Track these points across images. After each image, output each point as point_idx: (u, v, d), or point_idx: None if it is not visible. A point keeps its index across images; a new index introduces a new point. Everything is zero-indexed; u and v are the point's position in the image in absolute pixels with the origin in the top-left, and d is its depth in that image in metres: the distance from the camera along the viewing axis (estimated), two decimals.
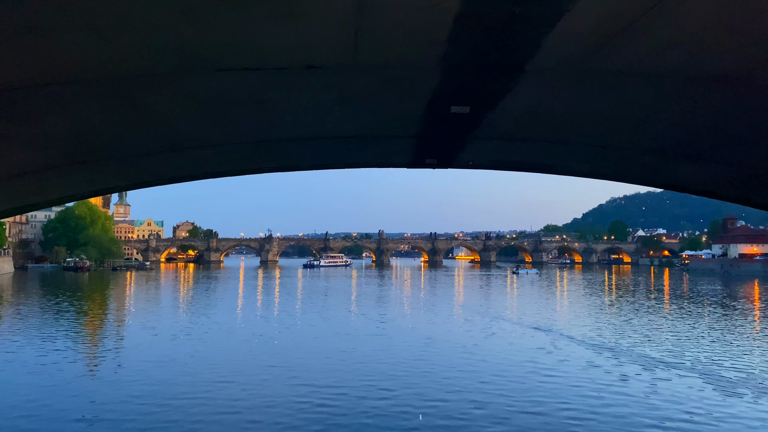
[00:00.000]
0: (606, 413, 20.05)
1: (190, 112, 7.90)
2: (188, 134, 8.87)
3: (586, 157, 11.31)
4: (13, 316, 46.94)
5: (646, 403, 21.38)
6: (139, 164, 10.48)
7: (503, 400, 21.73)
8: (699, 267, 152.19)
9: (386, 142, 10.53)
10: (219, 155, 10.64)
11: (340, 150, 11.01)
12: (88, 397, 22.12)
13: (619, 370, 26.38)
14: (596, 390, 22.96)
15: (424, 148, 10.92)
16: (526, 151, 11.15)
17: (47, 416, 19.82)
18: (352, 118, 8.63)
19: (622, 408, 20.70)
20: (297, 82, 6.88)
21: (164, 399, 21.79)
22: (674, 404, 21.22)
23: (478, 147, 10.72)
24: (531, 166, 12.77)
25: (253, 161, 11.50)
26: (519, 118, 8.65)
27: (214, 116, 8.07)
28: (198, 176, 12.19)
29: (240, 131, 9.04)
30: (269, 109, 7.88)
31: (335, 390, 22.91)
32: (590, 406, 20.87)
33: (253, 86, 6.98)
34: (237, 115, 8.13)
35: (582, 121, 8.84)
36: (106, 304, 62.40)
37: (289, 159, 11.57)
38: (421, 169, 13.04)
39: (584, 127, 9.17)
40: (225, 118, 8.22)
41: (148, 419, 19.32)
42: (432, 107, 7.95)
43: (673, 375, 25.87)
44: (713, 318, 47.30)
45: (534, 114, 8.43)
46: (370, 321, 43.30)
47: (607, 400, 21.60)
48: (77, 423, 19.14)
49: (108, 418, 19.66)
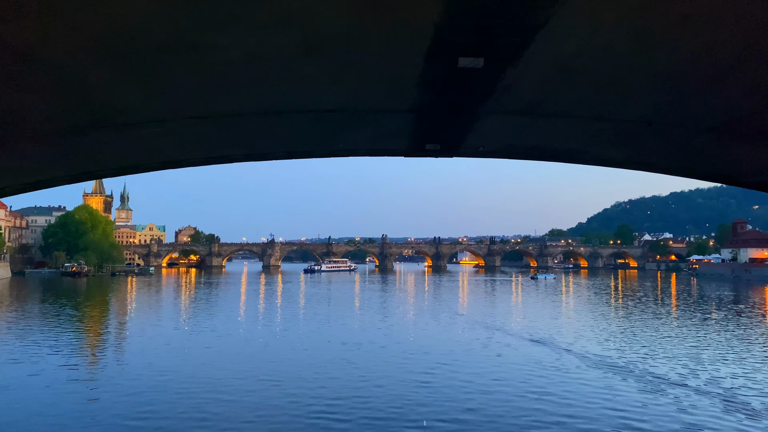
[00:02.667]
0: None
1: (104, 66, 5.84)
2: (111, 101, 6.80)
3: (623, 140, 9.19)
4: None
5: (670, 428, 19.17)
6: (69, 147, 8.43)
7: (518, 420, 19.59)
8: (708, 272, 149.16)
9: (376, 119, 8.45)
10: (169, 136, 8.57)
11: (318, 131, 8.92)
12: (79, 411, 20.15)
13: (653, 395, 23.55)
14: (613, 411, 20.76)
15: (424, 128, 8.83)
16: (550, 132, 9.04)
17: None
18: (326, 78, 6.55)
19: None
20: (238, 12, 4.83)
21: (159, 412, 20.58)
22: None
23: (491, 126, 8.62)
24: (554, 153, 10.64)
25: (214, 145, 9.41)
26: (547, 78, 6.57)
27: (136, 72, 6.02)
28: (153, 165, 10.12)
29: (180, 98, 6.97)
30: (208, 62, 5.81)
31: (335, 401, 21.47)
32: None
33: (177, 23, 4.93)
34: (168, 71, 6.07)
35: (631, 83, 6.74)
36: (98, 313, 60.38)
37: (258, 143, 9.49)
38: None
39: (632, 92, 7.07)
40: (152, 76, 6.16)
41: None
42: (434, 58, 5.88)
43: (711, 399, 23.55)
44: (734, 327, 44.78)
45: (568, 72, 6.34)
46: (376, 334, 40.97)
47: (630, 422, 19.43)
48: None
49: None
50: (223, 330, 40.99)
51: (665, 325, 44.93)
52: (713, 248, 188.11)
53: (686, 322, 47.59)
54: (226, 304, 64.39)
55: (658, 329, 42.34)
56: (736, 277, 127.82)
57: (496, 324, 44.11)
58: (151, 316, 52.58)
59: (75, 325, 46.79)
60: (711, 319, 50.12)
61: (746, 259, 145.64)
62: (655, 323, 46.18)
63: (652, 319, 48.81)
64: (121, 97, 6.78)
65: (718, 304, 65.07)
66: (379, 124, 8.68)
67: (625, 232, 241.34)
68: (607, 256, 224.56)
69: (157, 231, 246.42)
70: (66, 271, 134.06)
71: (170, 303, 67.98)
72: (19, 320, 47.08)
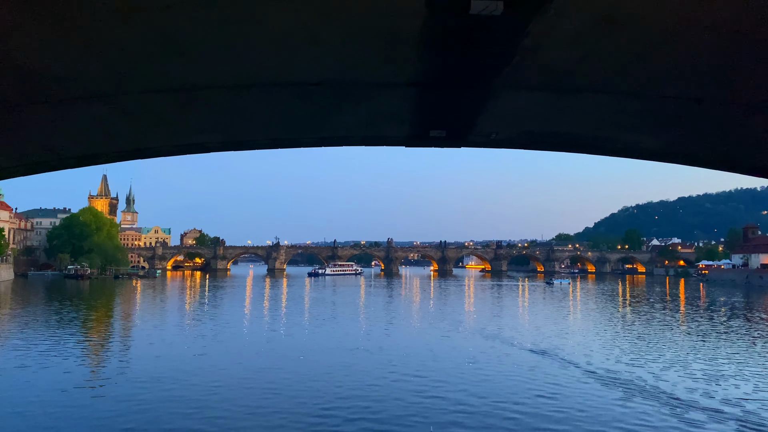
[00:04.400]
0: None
1: (31, 25, 4.52)
2: (41, 68, 5.47)
3: (663, 123, 7.78)
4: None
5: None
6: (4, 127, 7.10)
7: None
8: (719, 277, 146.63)
9: (371, 96, 7.08)
10: (126, 117, 7.22)
11: (303, 111, 7.56)
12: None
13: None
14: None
15: (427, 108, 7.46)
16: (576, 114, 7.65)
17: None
18: (304, 34, 5.19)
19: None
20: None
21: (163, 417, 20.08)
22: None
23: (507, 104, 7.24)
24: (578, 142, 9.21)
25: (183, 130, 8.06)
26: (582, 34, 5.17)
27: (71, 31, 4.69)
28: (112, 154, 8.77)
29: (129, 66, 5.63)
30: (153, 16, 4.47)
31: (338, 409, 20.48)
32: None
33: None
34: (109, 31, 4.73)
35: (686, 43, 5.35)
36: (96, 317, 59.18)
37: (235, 126, 8.12)
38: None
39: (685, 58, 5.67)
40: (91, 37, 4.83)
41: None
42: (438, 3, 4.52)
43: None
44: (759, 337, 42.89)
45: (610, 22, 4.95)
46: (380, 343, 39.36)
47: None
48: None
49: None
50: (224, 336, 39.68)
51: (691, 337, 43.02)
52: (723, 253, 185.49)
53: (715, 334, 45.81)
54: (230, 309, 63.00)
55: (689, 342, 40.46)
56: (748, 283, 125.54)
57: (505, 334, 42.41)
58: (154, 321, 51.30)
59: (66, 329, 45.57)
60: (733, 329, 48.31)
61: (758, 264, 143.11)
62: (683, 335, 44.17)
63: (679, 331, 46.85)
64: (53, 63, 5.45)
65: (737, 313, 63.05)
66: (375, 103, 7.33)
67: (633, 236, 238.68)
68: (614, 261, 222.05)
69: (162, 234, 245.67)
70: (68, 273, 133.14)
71: (174, 307, 66.56)
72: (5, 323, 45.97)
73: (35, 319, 49.31)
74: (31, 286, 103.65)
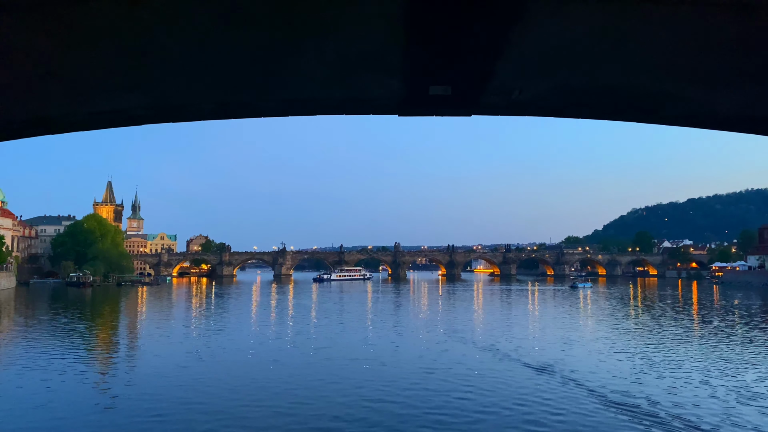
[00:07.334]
0: None
1: None
2: None
3: (753, 72, 5.43)
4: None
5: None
6: None
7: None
8: (734, 280, 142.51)
9: (340, 23, 4.77)
10: None
11: (246, 47, 5.25)
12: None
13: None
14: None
15: (426, 45, 5.15)
16: (645, 44, 5.31)
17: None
18: None
19: None
20: None
21: (170, 422, 19.77)
22: None
23: (542, 35, 4.93)
24: (630, 103, 6.83)
25: (90, 91, 5.76)
26: None
27: None
28: (64, 120, 6.51)
29: None
30: None
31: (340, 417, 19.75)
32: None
33: None
34: None
35: None
36: (94, 326, 57.10)
37: (167, 80, 5.81)
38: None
39: None
40: None
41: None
42: None
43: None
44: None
45: None
46: (388, 358, 36.04)
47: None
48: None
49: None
50: (231, 345, 37.85)
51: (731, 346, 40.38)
52: (736, 255, 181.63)
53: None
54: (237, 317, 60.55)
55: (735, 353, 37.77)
56: (765, 286, 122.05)
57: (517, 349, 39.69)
58: (158, 329, 49.19)
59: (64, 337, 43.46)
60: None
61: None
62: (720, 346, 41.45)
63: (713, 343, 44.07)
64: None
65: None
66: (346, 33, 5.01)
67: (643, 239, 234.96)
68: (625, 264, 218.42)
69: (168, 240, 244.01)
70: (70, 281, 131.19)
71: (180, 317, 64.07)
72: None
73: (22, 329, 47.25)
74: (31, 294, 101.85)
